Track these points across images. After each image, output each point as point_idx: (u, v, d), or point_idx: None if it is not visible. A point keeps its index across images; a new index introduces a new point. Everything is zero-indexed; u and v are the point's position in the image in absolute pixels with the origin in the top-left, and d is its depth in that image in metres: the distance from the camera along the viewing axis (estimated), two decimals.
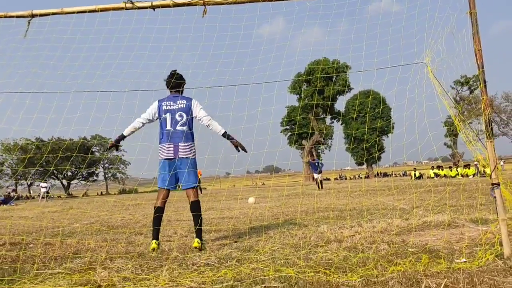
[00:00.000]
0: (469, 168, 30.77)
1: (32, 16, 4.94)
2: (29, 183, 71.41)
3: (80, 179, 77.14)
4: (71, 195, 61.84)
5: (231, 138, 5.25)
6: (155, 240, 5.00)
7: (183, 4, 4.76)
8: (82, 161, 64.81)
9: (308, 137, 58.97)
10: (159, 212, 5.13)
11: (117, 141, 5.27)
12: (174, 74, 5.36)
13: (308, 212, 8.81)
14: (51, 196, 39.87)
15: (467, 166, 31.54)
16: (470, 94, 60.17)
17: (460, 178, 28.50)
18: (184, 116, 5.18)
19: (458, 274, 3.05)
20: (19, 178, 67.25)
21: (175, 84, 5.33)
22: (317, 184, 23.68)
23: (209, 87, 5.51)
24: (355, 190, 17.84)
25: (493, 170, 3.70)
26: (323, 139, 61.71)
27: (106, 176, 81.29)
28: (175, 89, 5.36)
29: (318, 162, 24.82)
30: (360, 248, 4.38)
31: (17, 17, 4.98)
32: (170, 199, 5.32)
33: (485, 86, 3.89)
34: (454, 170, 32.95)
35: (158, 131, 5.25)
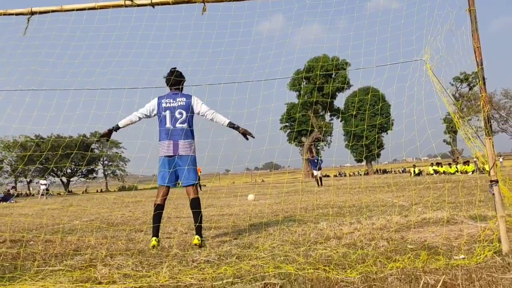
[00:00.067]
0: (468, 165, 30.85)
1: (32, 13, 4.93)
2: (28, 180, 71.46)
3: (79, 177, 77.21)
4: (71, 192, 61.90)
5: (237, 127, 5.20)
6: (155, 238, 5.01)
7: (182, 2, 4.76)
8: (81, 158, 64.82)
9: (308, 134, 58.96)
10: (159, 209, 5.14)
11: (110, 130, 5.24)
12: (173, 71, 5.35)
13: (308, 209, 8.83)
14: (51, 194, 39.90)
15: (466, 163, 31.61)
16: (469, 91, 60.17)
17: (459, 175, 28.54)
18: (184, 113, 5.17)
19: (456, 270, 3.06)
20: (19, 176, 67.28)
21: (175, 81, 5.31)
22: (316, 181, 23.73)
23: (208, 85, 5.51)
24: (354, 187, 17.87)
25: (491, 167, 3.72)
26: (323, 136, 61.74)
27: (106, 173, 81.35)
28: (174, 86, 5.34)
29: (317, 159, 24.89)
30: (359, 245, 4.40)
31: (16, 14, 4.98)
32: (170, 196, 5.33)
33: (484, 83, 3.90)
34: (453, 167, 33.02)
35: (158, 128, 5.25)
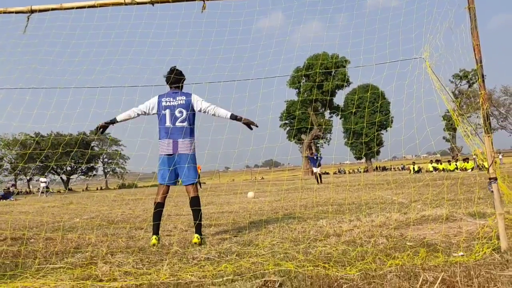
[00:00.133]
0: (467, 162, 30.87)
1: (31, 11, 4.93)
2: (28, 178, 71.50)
3: (79, 174, 77.25)
4: (71, 190, 61.94)
5: (239, 118, 5.21)
6: (155, 236, 5.03)
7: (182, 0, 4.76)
8: (81, 156, 64.83)
9: (307, 131, 58.97)
10: (159, 207, 5.16)
11: (106, 123, 5.21)
12: (173, 70, 5.35)
13: (307, 207, 8.85)
14: (51, 191, 39.93)
15: (465, 160, 31.64)
16: (468, 88, 60.14)
17: (459, 172, 28.58)
18: (184, 112, 5.18)
19: (455, 267, 3.08)
20: (19, 174, 67.29)
21: (175, 80, 5.31)
22: (316, 178, 23.75)
23: (208, 83, 5.52)
24: (354, 184, 17.89)
25: (490, 165, 3.73)
26: (322, 134, 61.76)
27: (106, 171, 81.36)
28: (174, 85, 5.35)
29: (316, 156, 24.90)
30: (359, 242, 4.42)
31: (16, 12, 4.98)
32: (170, 194, 5.35)
33: (483, 81, 3.91)
34: (452, 164, 33.06)
35: (158, 127, 5.26)
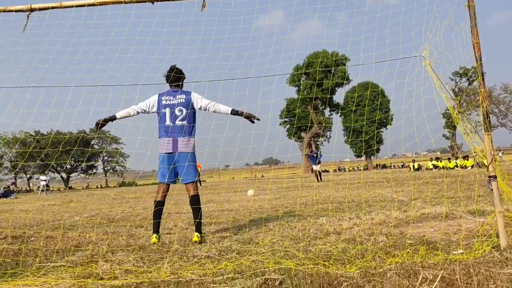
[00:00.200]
0: (467, 160, 30.89)
1: (31, 10, 4.93)
2: (28, 176, 71.50)
3: (79, 172, 77.25)
4: (71, 188, 61.95)
5: (240, 113, 5.19)
6: (155, 234, 5.04)
7: None
8: (81, 154, 64.83)
9: (307, 129, 58.95)
10: (159, 206, 5.17)
11: (105, 120, 5.22)
12: (173, 68, 5.35)
13: (307, 205, 8.86)
14: (51, 190, 39.94)
15: (465, 158, 31.65)
16: (468, 85, 60.09)
17: (459, 169, 28.59)
18: (184, 110, 5.18)
19: (455, 265, 3.09)
20: (18, 172, 67.32)
21: (175, 78, 5.32)
22: (316, 176, 23.76)
23: (208, 81, 5.52)
24: (354, 182, 17.91)
25: (490, 163, 3.74)
26: (322, 131, 61.75)
27: (105, 169, 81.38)
28: (174, 83, 5.35)
29: (316, 153, 24.90)
30: (359, 240, 4.43)
31: (16, 11, 4.97)
32: (170, 192, 5.35)
33: (483, 79, 3.91)
34: (452, 161, 33.08)
35: (158, 125, 5.26)
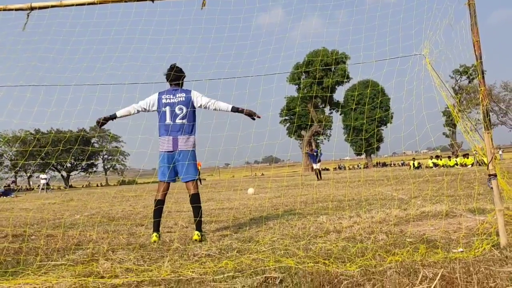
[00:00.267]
0: (467, 158, 30.89)
1: (31, 9, 4.93)
2: (28, 175, 71.56)
3: (79, 171, 77.32)
4: (72, 187, 61.99)
5: (241, 110, 5.21)
6: (155, 233, 5.04)
7: None
8: (81, 152, 64.86)
9: (308, 127, 58.93)
10: (159, 204, 5.18)
11: (106, 119, 5.23)
12: (173, 67, 5.35)
13: (307, 203, 8.87)
14: (51, 188, 39.97)
15: (465, 156, 31.66)
16: (468, 83, 60.04)
17: (459, 167, 28.60)
18: (184, 109, 5.18)
19: (454, 263, 3.09)
20: (19, 170, 67.35)
21: (175, 77, 5.32)
22: (316, 174, 23.78)
23: (208, 80, 5.52)
24: (354, 180, 17.91)
25: (490, 161, 3.74)
26: (322, 130, 61.74)
27: (106, 167, 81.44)
28: (174, 82, 5.35)
29: (316, 152, 24.92)
30: (359, 239, 4.44)
31: (16, 10, 4.97)
32: (170, 190, 5.36)
33: (483, 77, 3.91)
34: (452, 159, 33.08)
35: (158, 124, 5.26)
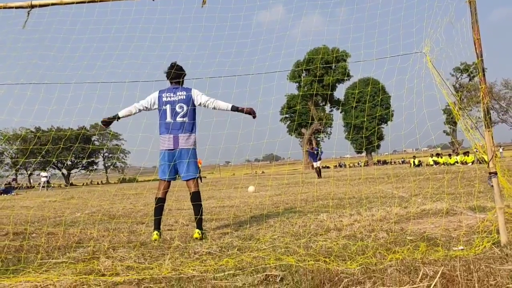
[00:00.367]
0: (468, 156, 30.88)
1: (32, 6, 4.92)
2: (29, 173, 71.64)
3: (80, 169, 77.37)
4: (72, 184, 62.04)
5: (241, 110, 5.24)
6: (156, 231, 5.05)
7: None
8: (81, 150, 64.90)
9: (308, 125, 58.90)
10: (160, 202, 5.19)
11: (110, 119, 5.26)
12: (174, 65, 5.35)
13: (308, 201, 8.87)
14: (52, 186, 40.02)
15: (466, 154, 31.64)
16: (469, 81, 59.99)
17: (459, 165, 28.59)
18: (185, 107, 5.18)
19: (455, 261, 3.10)
20: (19, 168, 67.40)
21: (175, 75, 5.31)
22: (316, 172, 23.78)
23: (209, 78, 5.52)
24: (354, 178, 17.92)
25: (490, 159, 3.74)
26: (323, 128, 61.71)
27: (106, 165, 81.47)
28: (175, 80, 5.35)
29: (317, 150, 24.89)
30: (359, 237, 4.44)
31: (16, 8, 4.97)
32: (171, 188, 5.37)
33: (483, 75, 3.90)
34: (453, 157, 33.07)
35: (158, 122, 5.26)
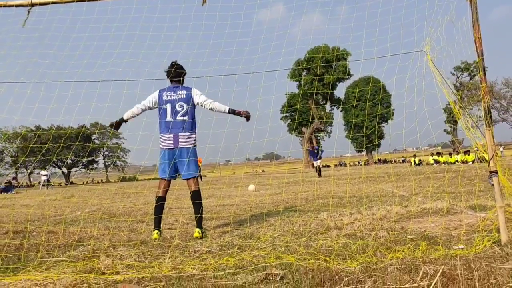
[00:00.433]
0: (468, 155, 30.85)
1: (32, 5, 4.91)
2: (29, 171, 71.68)
3: (80, 167, 77.44)
4: (72, 183, 62.07)
5: (237, 112, 5.27)
6: (156, 231, 5.05)
7: None
8: (82, 149, 64.95)
9: (308, 124, 58.88)
10: (160, 201, 5.19)
11: (117, 122, 5.32)
12: (174, 64, 5.35)
13: (308, 200, 8.87)
14: (52, 184, 40.02)
15: (466, 153, 31.61)
16: (470, 80, 59.95)
17: (460, 164, 28.57)
18: (185, 106, 5.18)
19: (455, 260, 3.09)
20: (19, 167, 67.42)
21: (175, 74, 5.32)
22: (316, 171, 23.77)
23: (209, 76, 5.51)
24: (354, 177, 17.91)
25: (491, 158, 3.74)
26: (323, 126, 61.69)
27: (106, 164, 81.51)
28: (175, 79, 5.36)
29: (317, 149, 24.87)
30: (360, 235, 4.44)
31: (16, 6, 4.95)
32: (171, 187, 5.37)
33: (484, 74, 3.90)
34: (453, 156, 33.05)
35: (158, 121, 5.26)
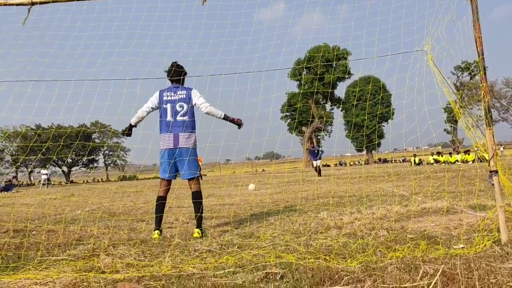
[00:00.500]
0: (468, 154, 30.85)
1: (32, 4, 4.91)
2: (29, 170, 71.69)
3: (80, 166, 77.48)
4: (72, 182, 62.09)
5: (231, 119, 5.29)
6: (157, 230, 5.05)
7: None
8: (82, 148, 64.97)
9: (309, 123, 58.88)
10: (161, 200, 5.20)
11: (129, 129, 5.41)
12: (174, 65, 5.36)
13: (308, 199, 8.87)
14: (52, 183, 40.02)
15: (467, 152, 31.61)
16: (470, 79, 59.93)
17: (460, 164, 28.57)
18: (185, 106, 5.19)
19: (455, 260, 3.09)
20: (20, 166, 67.45)
21: (176, 74, 5.33)
22: (316, 171, 23.76)
23: (209, 75, 5.51)
24: (355, 176, 17.92)
25: (491, 158, 3.74)
26: (323, 126, 61.68)
27: (106, 163, 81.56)
28: (175, 79, 5.36)
29: (317, 149, 24.86)
30: (360, 235, 4.44)
31: (16, 4, 4.95)
32: (172, 186, 5.37)
33: (485, 74, 3.89)
34: (454, 156, 33.05)
35: (159, 121, 5.27)
